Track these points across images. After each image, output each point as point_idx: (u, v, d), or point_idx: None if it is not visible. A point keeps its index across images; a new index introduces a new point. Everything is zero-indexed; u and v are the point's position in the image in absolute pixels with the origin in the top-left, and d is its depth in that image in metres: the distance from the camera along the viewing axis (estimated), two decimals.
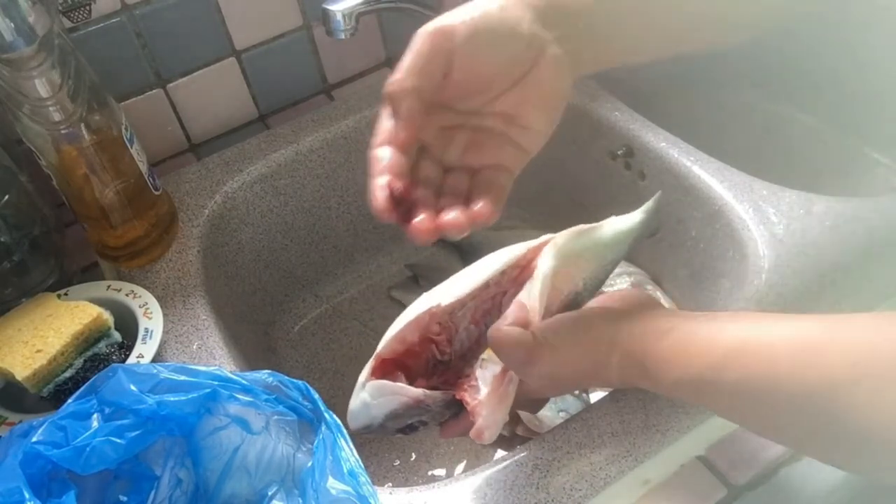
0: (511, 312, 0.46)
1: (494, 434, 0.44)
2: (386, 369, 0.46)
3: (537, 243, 0.49)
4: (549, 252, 0.48)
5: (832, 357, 0.35)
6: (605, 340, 0.43)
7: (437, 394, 0.45)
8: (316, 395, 0.44)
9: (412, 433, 0.48)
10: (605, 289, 0.52)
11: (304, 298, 0.81)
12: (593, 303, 0.49)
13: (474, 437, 0.44)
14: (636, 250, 0.65)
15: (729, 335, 0.39)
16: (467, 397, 0.45)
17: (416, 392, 0.45)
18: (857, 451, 0.34)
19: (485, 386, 0.46)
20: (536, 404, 0.52)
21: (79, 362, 0.52)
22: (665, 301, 0.71)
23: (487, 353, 0.47)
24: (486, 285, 0.48)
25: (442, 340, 0.48)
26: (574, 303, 0.49)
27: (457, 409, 0.47)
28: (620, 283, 0.73)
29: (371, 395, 0.45)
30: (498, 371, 0.46)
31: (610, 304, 0.47)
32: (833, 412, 0.34)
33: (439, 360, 0.48)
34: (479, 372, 0.47)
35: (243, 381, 0.44)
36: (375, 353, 0.47)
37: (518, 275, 0.49)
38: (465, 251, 0.83)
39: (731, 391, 0.38)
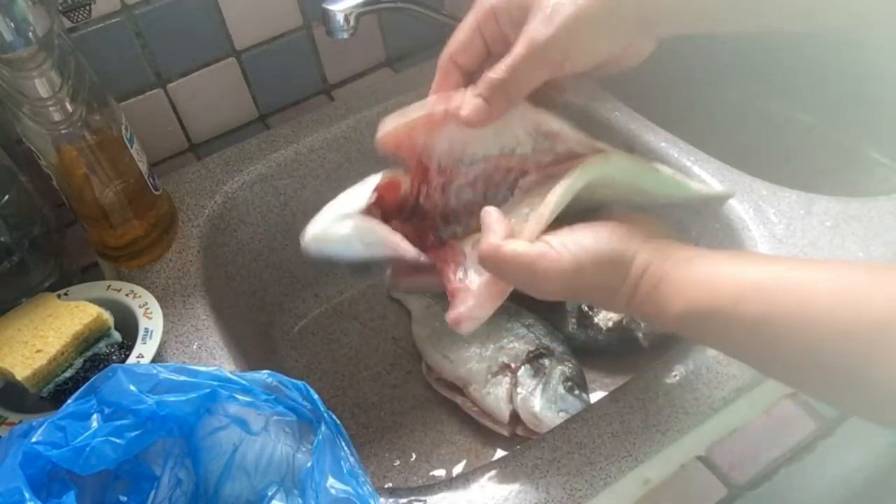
0: (497, 224, 0.41)
1: (473, 327, 0.41)
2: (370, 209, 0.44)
3: (588, 141, 0.44)
4: (595, 162, 0.43)
5: (878, 299, 0.32)
6: (628, 257, 0.40)
7: (422, 256, 0.42)
8: (315, 396, 0.44)
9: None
10: None
11: (304, 298, 0.81)
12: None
13: (452, 322, 0.41)
14: None
15: (759, 268, 0.37)
16: (450, 273, 0.42)
17: (411, 251, 0.42)
18: (892, 401, 0.32)
19: (477, 275, 0.42)
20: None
21: (79, 362, 0.52)
22: None
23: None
24: (511, 154, 0.44)
25: (436, 186, 0.44)
26: (582, 218, 0.44)
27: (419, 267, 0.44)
28: None
29: (355, 226, 0.43)
30: None
31: (628, 221, 0.43)
32: (874, 356, 0.31)
33: (418, 205, 0.45)
34: (471, 253, 0.43)
35: (243, 382, 0.44)
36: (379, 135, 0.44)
37: (548, 164, 0.44)
38: None
39: (752, 326, 0.35)
